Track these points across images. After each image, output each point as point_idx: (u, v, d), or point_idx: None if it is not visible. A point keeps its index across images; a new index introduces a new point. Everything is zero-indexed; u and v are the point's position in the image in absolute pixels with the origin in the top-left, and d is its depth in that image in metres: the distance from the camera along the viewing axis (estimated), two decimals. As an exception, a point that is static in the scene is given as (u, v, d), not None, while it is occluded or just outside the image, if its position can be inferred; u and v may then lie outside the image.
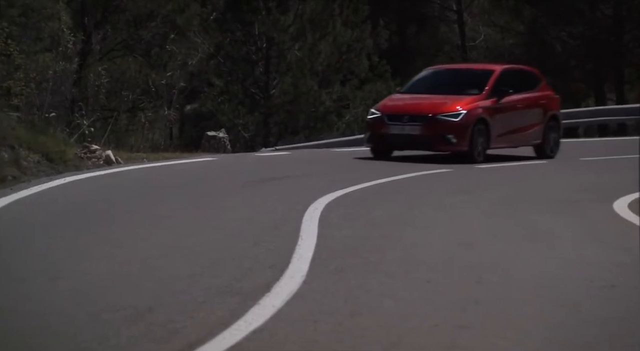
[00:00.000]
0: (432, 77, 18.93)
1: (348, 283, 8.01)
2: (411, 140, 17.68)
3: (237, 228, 10.49)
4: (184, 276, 8.14)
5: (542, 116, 19.01)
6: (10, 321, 6.80)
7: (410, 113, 17.68)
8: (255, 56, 33.34)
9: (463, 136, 17.55)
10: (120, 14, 29.96)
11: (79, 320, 6.77)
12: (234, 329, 6.56)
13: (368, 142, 18.24)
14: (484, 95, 17.98)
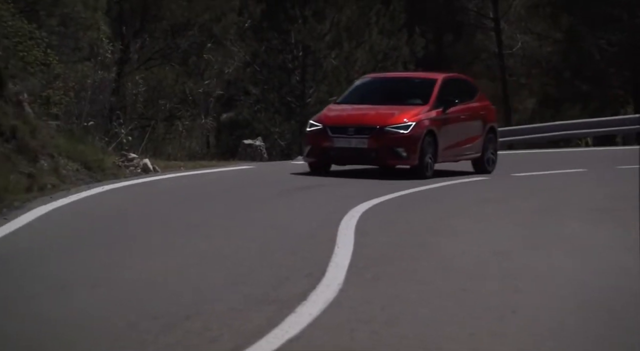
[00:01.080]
0: (370, 87, 17.56)
1: (384, 291, 8.02)
2: (358, 154, 16.29)
3: (273, 236, 10.53)
4: (220, 284, 8.19)
5: (482, 128, 17.74)
6: (50, 329, 6.87)
7: (357, 125, 16.28)
8: (291, 64, 33.44)
9: (413, 149, 16.23)
10: (158, 23, 30.16)
11: (117, 328, 6.83)
12: (271, 337, 6.59)
13: (308, 156, 16.74)
14: (429, 106, 16.71)
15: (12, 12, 17.96)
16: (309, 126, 16.72)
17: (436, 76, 17.57)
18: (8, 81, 16.52)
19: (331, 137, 16.32)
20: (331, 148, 16.35)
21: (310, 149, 16.63)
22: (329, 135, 16.34)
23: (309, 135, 16.66)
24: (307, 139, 16.78)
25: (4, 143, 15.15)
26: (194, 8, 30.05)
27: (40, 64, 18.43)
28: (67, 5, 21.13)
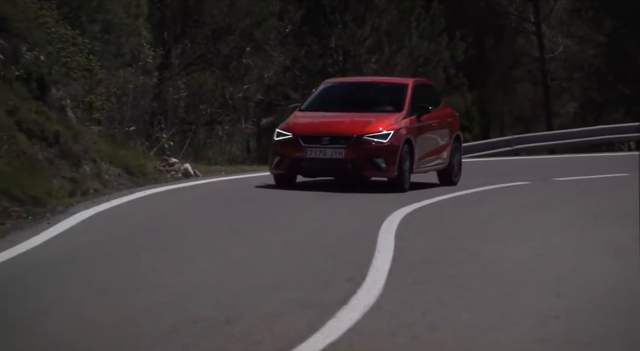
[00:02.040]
0: (336, 93, 16.08)
1: (425, 296, 7.99)
2: (332, 165, 14.79)
3: (314, 240, 10.54)
4: (261, 288, 8.20)
5: (449, 137, 16.38)
6: (93, 332, 6.92)
7: (332, 134, 14.80)
8: (331, 69, 33.45)
9: (393, 160, 14.82)
10: (199, 29, 30.31)
11: (159, 332, 6.86)
12: (312, 342, 6.59)
13: (277, 168, 15.08)
14: (404, 113, 15.32)
15: (56, 18, 18.13)
16: (277, 135, 15.16)
17: (406, 81, 16.38)
18: (51, 87, 16.67)
19: (303, 147, 14.81)
20: (303, 159, 14.82)
21: (279, 160, 15.00)
22: (301, 145, 14.83)
23: (277, 145, 15.06)
24: (275, 149, 15.10)
25: (47, 148, 15.28)
26: (235, 13, 30.15)
27: (82, 70, 18.57)
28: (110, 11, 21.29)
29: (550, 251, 10.24)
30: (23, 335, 6.84)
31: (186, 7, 30.26)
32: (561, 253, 10.15)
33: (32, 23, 17.09)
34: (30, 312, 7.44)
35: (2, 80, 15.42)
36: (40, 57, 16.60)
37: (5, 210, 12.44)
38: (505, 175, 18.46)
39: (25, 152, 14.37)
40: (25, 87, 15.86)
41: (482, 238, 10.99)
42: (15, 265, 9.27)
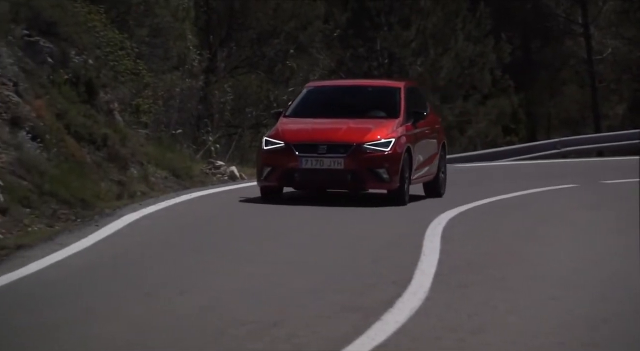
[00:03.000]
0: (323, 97, 14.64)
1: (471, 299, 7.97)
2: (330, 176, 13.43)
3: (359, 243, 10.54)
4: (307, 291, 8.22)
5: (437, 145, 14.98)
6: (139, 334, 6.97)
7: (329, 143, 13.43)
8: (376, 71, 33.43)
9: (395, 170, 13.45)
10: (245, 32, 30.42)
11: (205, 334, 6.90)
12: (357, 345, 6.59)
13: (267, 180, 13.66)
14: (401, 120, 13.97)
15: (104, 22, 18.29)
16: (265, 144, 13.68)
17: (397, 84, 14.85)
18: (99, 90, 16.82)
19: (298, 156, 13.37)
20: (297, 169, 13.40)
21: (269, 171, 13.54)
22: (295, 155, 13.39)
23: (267, 154, 13.59)
24: (264, 159, 13.64)
25: (95, 151, 15.41)
26: (280, 16, 30.23)
27: (130, 73, 18.72)
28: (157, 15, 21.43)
29: (597, 254, 10.16)
30: (70, 337, 6.91)
31: (232, 11, 30.39)
32: (608, 256, 10.07)
33: (81, 27, 17.26)
34: (78, 314, 7.51)
35: (51, 84, 15.58)
36: (89, 61, 16.76)
37: (54, 212, 12.57)
38: (552, 178, 18.34)
39: (73, 155, 14.51)
40: (74, 90, 16.02)
41: (528, 240, 10.93)
42: (63, 267, 9.36)
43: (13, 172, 12.98)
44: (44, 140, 13.99)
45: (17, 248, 10.34)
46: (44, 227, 11.84)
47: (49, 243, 10.49)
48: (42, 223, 11.97)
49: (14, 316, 7.52)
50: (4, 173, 12.64)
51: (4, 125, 13.60)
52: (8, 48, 14.85)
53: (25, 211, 12.23)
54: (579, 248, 10.51)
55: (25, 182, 12.98)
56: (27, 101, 14.39)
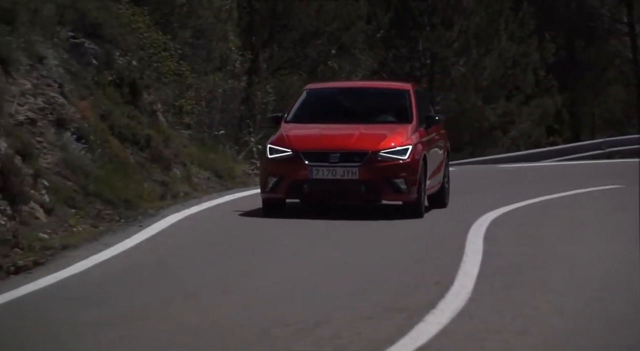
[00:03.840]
0: (325, 100, 13.48)
1: (514, 300, 7.93)
2: (343, 187, 12.26)
3: (401, 244, 10.53)
4: (350, 292, 8.23)
5: (444, 152, 13.87)
6: (182, 334, 7.01)
7: (342, 150, 12.28)
8: (419, 72, 33.37)
9: (414, 180, 12.32)
10: (287, 33, 30.50)
11: (249, 334, 6.93)
12: (400, 346, 6.58)
13: (272, 191, 12.41)
14: (415, 125, 12.85)
15: (148, 24, 18.41)
16: (270, 152, 12.49)
17: (404, 86, 13.71)
18: (143, 91, 16.93)
19: (308, 165, 12.21)
20: (307, 180, 12.24)
21: (275, 182, 12.34)
22: (304, 164, 12.23)
23: (273, 163, 12.40)
24: (268, 169, 12.45)
25: (139, 151, 15.52)
26: (323, 17, 30.26)
27: (173, 75, 18.83)
28: (200, 17, 21.54)
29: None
30: (115, 336, 6.96)
31: (274, 12, 30.46)
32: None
33: (125, 29, 17.39)
34: (121, 313, 7.57)
35: (95, 85, 15.71)
36: (133, 62, 16.89)
37: (99, 213, 12.67)
38: (596, 179, 18.21)
39: (117, 156, 14.62)
40: (118, 91, 16.15)
41: (572, 242, 10.86)
42: (108, 267, 9.44)
43: (58, 173, 13.10)
44: (88, 141, 14.11)
45: (62, 248, 10.44)
46: (88, 227, 11.93)
47: (93, 244, 10.57)
48: (87, 224, 12.07)
49: (58, 315, 7.59)
50: (50, 174, 12.76)
51: (49, 126, 13.73)
52: (54, 50, 15.00)
53: (70, 211, 12.34)
54: (623, 249, 10.42)
55: (70, 183, 13.09)
56: (72, 102, 14.52)
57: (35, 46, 14.36)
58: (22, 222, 11.14)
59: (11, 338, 7.01)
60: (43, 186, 12.22)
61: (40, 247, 10.52)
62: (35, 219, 11.59)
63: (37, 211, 11.76)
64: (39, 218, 11.67)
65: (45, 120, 13.72)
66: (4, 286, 8.78)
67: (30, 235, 10.88)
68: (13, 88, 13.30)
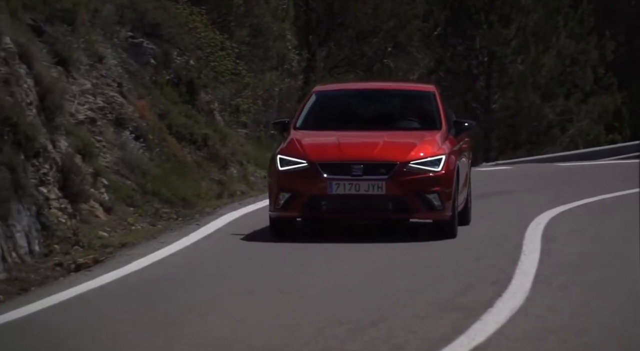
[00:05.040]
0: (338, 104, 11.88)
1: (573, 300, 7.87)
2: (368, 204, 10.69)
3: (458, 243, 10.49)
4: (406, 291, 8.22)
5: (469, 163, 12.30)
6: (239, 332, 7.06)
7: (366, 161, 10.70)
8: (476, 70, 33.21)
9: (448, 195, 10.79)
10: (344, 31, 30.52)
11: (305, 333, 6.95)
12: (457, 345, 6.56)
13: (285, 209, 10.73)
14: (445, 132, 11.32)
15: (205, 23, 18.53)
16: (281, 163, 10.84)
17: (428, 88, 12.26)
18: (200, 90, 17.05)
19: (327, 179, 10.61)
20: (326, 196, 10.64)
21: (289, 198, 10.70)
22: (323, 177, 10.62)
23: (285, 177, 10.76)
24: (280, 183, 10.79)
25: (196, 150, 15.63)
26: (379, 15, 30.24)
27: (230, 74, 18.92)
28: (257, 16, 21.63)
29: None
30: (173, 333, 7.02)
31: (331, 10, 30.49)
32: None
33: (183, 28, 17.51)
34: (180, 311, 7.63)
35: (153, 85, 15.85)
36: (190, 62, 17.00)
37: (157, 211, 12.79)
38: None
39: (175, 155, 14.74)
40: (176, 91, 16.27)
41: (631, 240, 10.74)
42: (166, 265, 9.52)
43: (117, 172, 13.24)
44: (146, 140, 14.24)
45: (121, 246, 10.55)
46: (146, 225, 12.04)
47: (151, 242, 10.67)
48: (145, 222, 12.18)
49: (118, 312, 7.68)
50: (109, 173, 12.90)
51: (108, 126, 13.88)
52: (113, 49, 15.15)
53: (129, 210, 12.46)
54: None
55: (129, 182, 13.23)
56: (130, 101, 14.67)
57: (95, 46, 14.52)
58: (82, 220, 11.28)
59: (72, 334, 7.10)
60: (102, 185, 12.36)
61: (99, 245, 10.64)
62: (95, 217, 11.72)
63: (97, 209, 11.90)
64: (98, 216, 11.81)
65: (104, 120, 13.86)
66: (65, 284, 8.90)
67: (90, 233, 11.01)
68: (73, 87, 13.46)
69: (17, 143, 10.50)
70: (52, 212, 10.78)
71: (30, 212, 10.24)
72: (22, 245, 9.84)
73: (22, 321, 7.58)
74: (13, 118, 10.42)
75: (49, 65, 12.55)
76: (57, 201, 11.02)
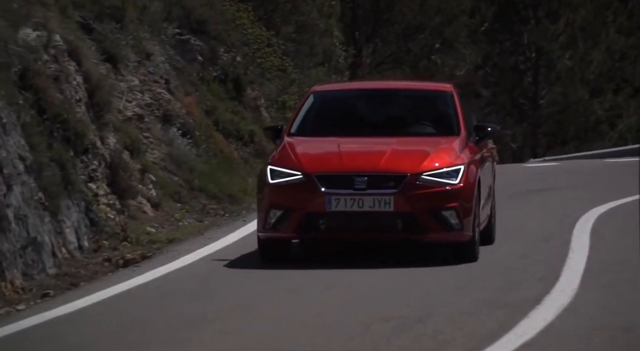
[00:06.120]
0: (340, 106, 10.35)
1: (622, 297, 7.80)
2: (373, 223, 9.23)
3: (505, 239, 10.43)
4: (452, 287, 8.19)
5: (492, 174, 10.78)
6: (285, 329, 7.07)
7: (370, 173, 9.25)
8: (523, 66, 33.02)
9: (467, 211, 9.29)
10: (390, 28, 30.48)
11: (351, 329, 6.95)
12: (504, 342, 6.53)
13: (277, 229, 9.25)
14: (464, 138, 9.82)
15: (252, 20, 18.61)
16: (272, 175, 9.32)
17: (444, 87, 10.67)
18: (247, 87, 17.11)
19: (325, 193, 9.16)
20: (324, 213, 9.18)
21: (281, 216, 9.22)
22: (320, 191, 9.16)
23: (276, 191, 9.27)
24: (271, 198, 9.29)
25: (242, 147, 15.69)
26: (426, 11, 30.18)
27: (276, 70, 18.98)
28: (304, 13, 21.69)
29: None
30: (219, 329, 7.06)
31: (377, 6, 30.47)
32: None
33: (230, 25, 17.59)
34: (226, 307, 7.67)
35: (200, 81, 15.94)
36: (237, 58, 17.08)
37: (204, 207, 12.86)
38: None
39: (222, 151, 14.81)
40: (222, 87, 16.36)
41: (681, 238, 10.62)
42: (212, 261, 9.56)
43: (165, 168, 13.32)
44: (193, 137, 14.32)
45: (168, 242, 10.62)
46: (193, 221, 12.12)
47: (198, 238, 10.73)
48: (192, 218, 12.26)
49: (165, 308, 7.73)
50: (156, 169, 12.99)
51: (156, 122, 13.97)
52: (161, 46, 15.26)
53: (176, 206, 12.54)
54: None
55: (176, 178, 13.31)
56: (177, 98, 14.76)
57: (143, 43, 14.62)
58: (130, 216, 11.38)
59: (120, 329, 7.17)
60: (150, 181, 12.45)
61: (147, 241, 10.73)
62: (143, 213, 11.81)
63: (145, 205, 11.99)
64: (146, 212, 11.90)
65: (152, 116, 13.96)
66: (114, 279, 8.98)
67: (138, 229, 11.09)
68: (121, 84, 13.57)
69: (67, 140, 10.62)
70: (100, 207, 10.88)
71: (80, 208, 10.35)
72: (72, 240, 9.96)
73: (71, 316, 7.67)
74: (63, 115, 10.54)
75: (97, 62, 12.67)
76: (105, 197, 11.13)
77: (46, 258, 9.28)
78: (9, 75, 9.96)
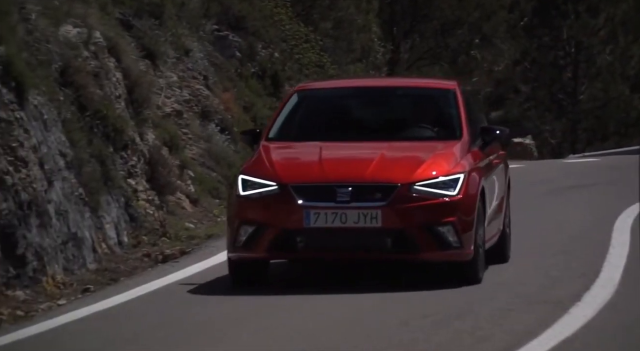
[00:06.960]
0: (325, 106, 9.17)
1: (662, 294, 7.75)
2: (358, 240, 8.16)
3: (545, 235, 10.39)
4: (492, 283, 8.16)
5: (505, 182, 9.52)
6: (324, 325, 7.09)
7: (354, 183, 8.19)
8: (563, 61, 32.80)
9: (467, 227, 8.22)
10: (428, 23, 30.41)
11: (390, 325, 6.95)
12: (543, 338, 6.50)
13: (247, 248, 8.16)
14: (466, 142, 8.71)
15: (290, 16, 18.64)
16: (243, 186, 8.27)
17: (446, 85, 9.45)
18: (285, 83, 17.13)
19: (302, 207, 8.09)
20: (302, 230, 8.11)
21: (252, 234, 8.15)
22: (297, 205, 8.10)
23: (247, 204, 8.24)
24: (241, 213, 8.24)
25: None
26: (464, 7, 30.09)
27: (314, 66, 19.00)
28: (342, 8, 21.70)
29: None
30: (256, 326, 7.08)
31: (416, 2, 30.39)
32: None
33: (268, 21, 17.62)
34: (263, 304, 7.69)
35: (238, 77, 15.99)
36: (275, 54, 17.11)
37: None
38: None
39: (260, 147, 14.83)
40: (260, 83, 16.39)
41: None
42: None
43: (203, 164, 13.37)
44: (231, 133, 14.36)
45: (207, 238, 10.66)
46: (232, 217, 12.13)
47: (237, 233, 10.73)
48: (231, 214, 12.27)
49: (203, 303, 7.77)
50: (195, 165, 13.04)
51: (194, 118, 14.03)
52: (199, 43, 15.32)
53: (214, 202, 12.58)
54: None
55: (215, 174, 13.36)
56: (216, 94, 14.81)
57: (182, 39, 14.69)
58: (169, 212, 11.43)
59: (160, 324, 7.21)
60: (189, 177, 12.50)
61: (186, 237, 10.77)
62: (182, 209, 11.86)
63: (184, 201, 12.04)
64: (185, 208, 11.95)
65: (190, 112, 14.02)
66: (153, 274, 9.03)
67: (177, 225, 11.14)
68: (160, 80, 13.64)
69: (107, 136, 10.69)
70: (140, 203, 10.94)
71: (119, 203, 10.42)
72: (112, 236, 10.02)
73: (111, 310, 7.72)
74: (102, 111, 10.61)
75: (137, 58, 12.74)
76: (144, 193, 11.19)
77: (86, 254, 9.35)
78: (49, 72, 10.04)
